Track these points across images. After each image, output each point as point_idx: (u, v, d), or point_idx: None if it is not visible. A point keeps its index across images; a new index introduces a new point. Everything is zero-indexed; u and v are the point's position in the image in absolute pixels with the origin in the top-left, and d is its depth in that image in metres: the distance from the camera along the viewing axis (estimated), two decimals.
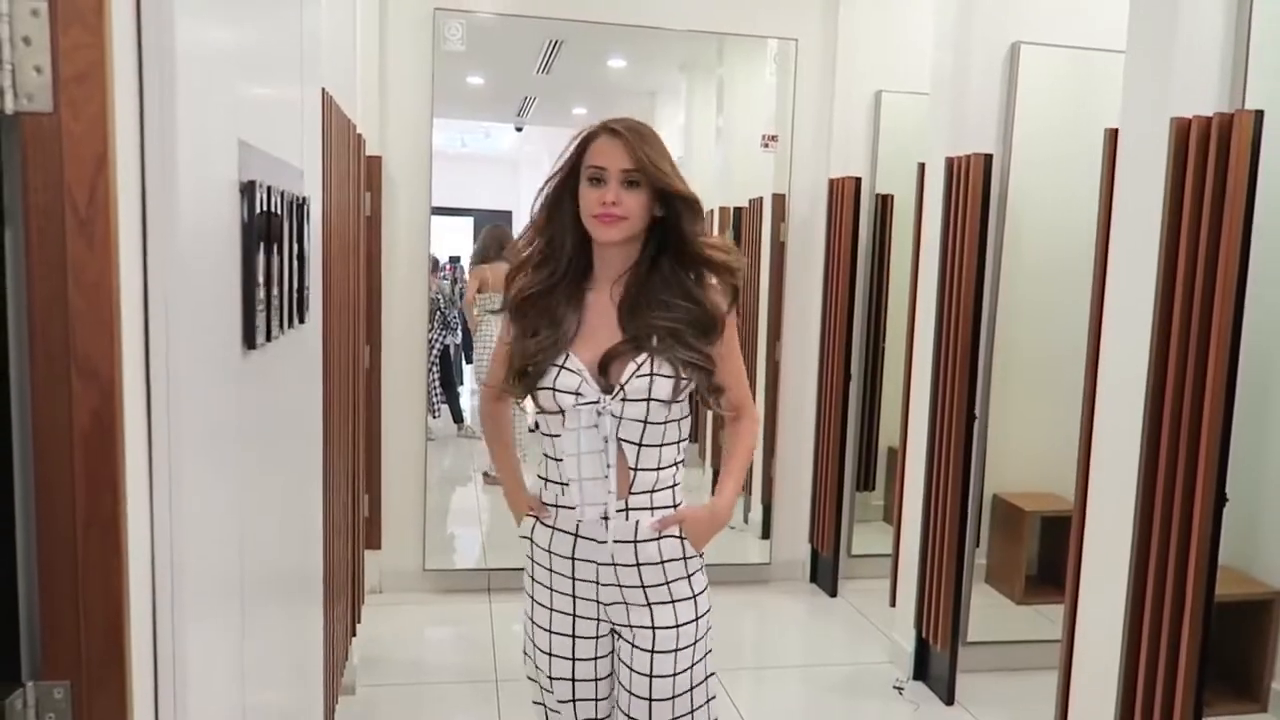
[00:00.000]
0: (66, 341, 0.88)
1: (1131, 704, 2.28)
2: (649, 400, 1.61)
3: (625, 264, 1.68)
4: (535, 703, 1.82)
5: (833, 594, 4.29)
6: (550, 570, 1.71)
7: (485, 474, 5.41)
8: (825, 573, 4.35)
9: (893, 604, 3.59)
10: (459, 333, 6.69)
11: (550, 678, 1.73)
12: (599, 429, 1.60)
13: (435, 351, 5.98)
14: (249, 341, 1.28)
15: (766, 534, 4.48)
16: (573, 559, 1.68)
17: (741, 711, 3.14)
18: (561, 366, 1.62)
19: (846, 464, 4.25)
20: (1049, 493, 3.64)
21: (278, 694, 1.67)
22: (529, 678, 1.81)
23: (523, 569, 1.80)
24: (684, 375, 1.62)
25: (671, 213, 1.65)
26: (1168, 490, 2.17)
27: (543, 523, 1.71)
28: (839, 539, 4.26)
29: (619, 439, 1.62)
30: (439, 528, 4.88)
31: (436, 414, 5.98)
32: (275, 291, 1.40)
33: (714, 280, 1.70)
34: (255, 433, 1.40)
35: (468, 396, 6.63)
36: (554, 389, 1.62)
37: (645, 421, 1.62)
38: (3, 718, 0.86)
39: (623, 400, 1.61)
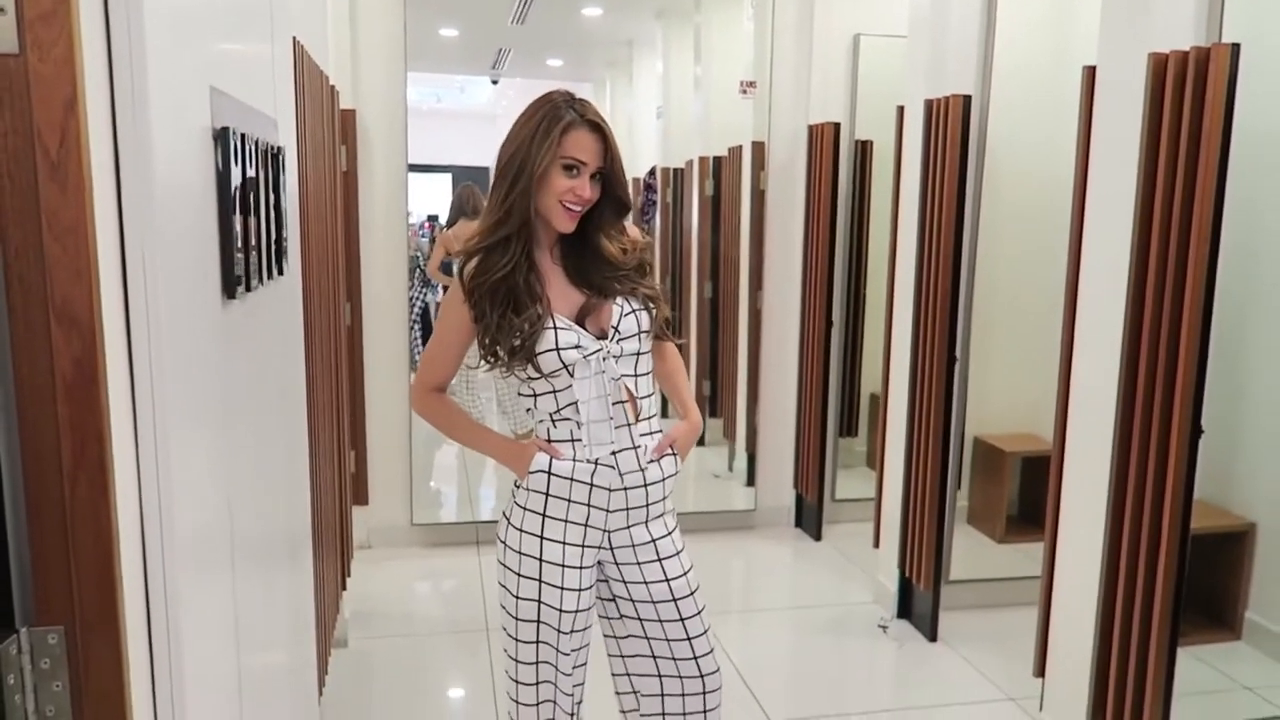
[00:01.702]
0: (45, 288, 0.87)
1: (1109, 635, 2.33)
2: (639, 334, 1.79)
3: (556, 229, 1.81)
4: (524, 663, 1.83)
5: (817, 538, 4.35)
6: (569, 500, 1.79)
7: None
8: (810, 518, 4.41)
9: (876, 546, 3.65)
10: (440, 291, 6.65)
11: (560, 610, 1.80)
12: (606, 373, 1.75)
13: (417, 309, 5.95)
14: (229, 291, 1.27)
15: (751, 481, 4.53)
16: (591, 485, 1.78)
17: (730, 654, 3.19)
18: (556, 328, 1.73)
19: (829, 410, 4.28)
20: (1029, 433, 3.69)
21: (271, 643, 1.69)
22: (511, 634, 1.83)
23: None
24: (651, 307, 1.82)
25: (604, 198, 1.79)
26: (1144, 424, 2.21)
27: (560, 458, 1.79)
28: (823, 484, 4.32)
29: (621, 376, 1.77)
30: (425, 482, 4.90)
31: None
32: (253, 241, 1.38)
33: (628, 225, 1.85)
34: (239, 384, 1.40)
35: None
36: (558, 349, 1.72)
37: (639, 353, 1.80)
38: None
39: (619, 340, 1.76)
